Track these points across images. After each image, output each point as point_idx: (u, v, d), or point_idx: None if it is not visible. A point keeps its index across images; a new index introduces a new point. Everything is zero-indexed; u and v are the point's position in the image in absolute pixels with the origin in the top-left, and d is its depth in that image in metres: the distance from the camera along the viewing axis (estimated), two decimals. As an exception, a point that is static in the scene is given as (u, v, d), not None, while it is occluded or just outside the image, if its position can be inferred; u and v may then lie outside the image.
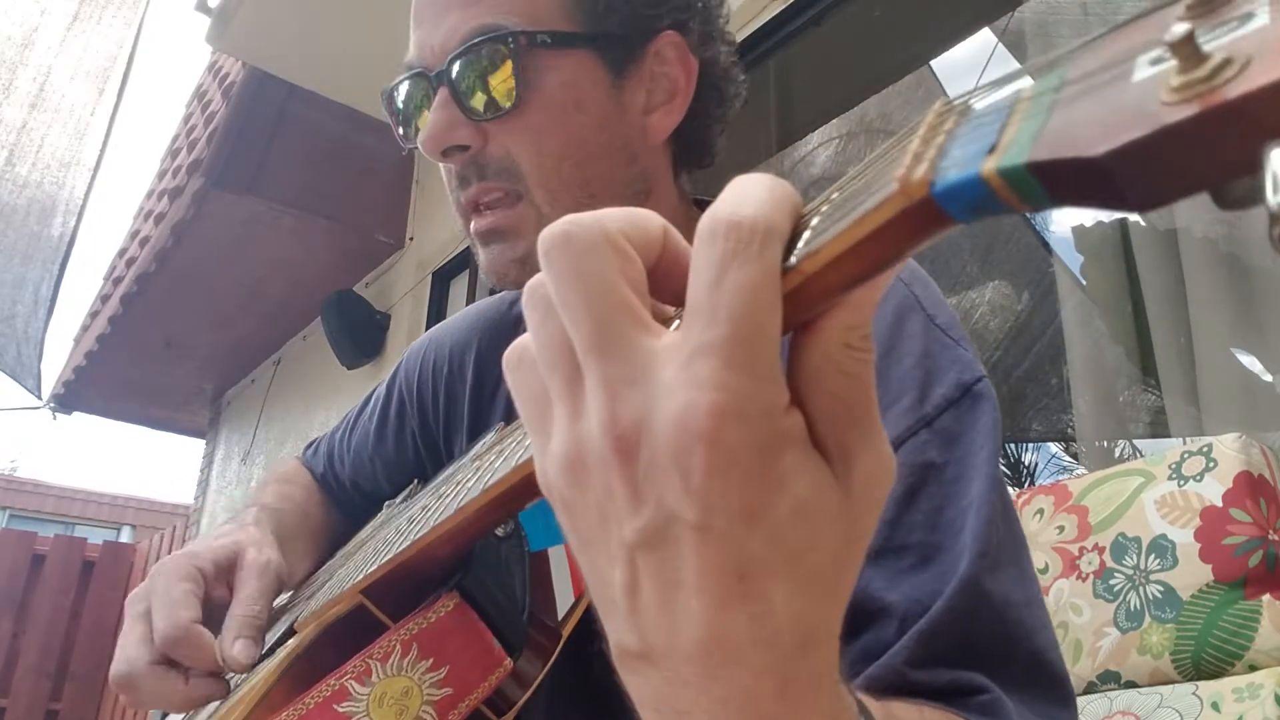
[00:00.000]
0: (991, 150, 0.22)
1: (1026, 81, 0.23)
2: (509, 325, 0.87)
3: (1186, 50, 0.18)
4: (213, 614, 0.66)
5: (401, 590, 0.51)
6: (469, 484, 0.46)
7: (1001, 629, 0.54)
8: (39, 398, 5.41)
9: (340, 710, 0.46)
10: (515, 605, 0.52)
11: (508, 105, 0.67)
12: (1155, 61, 0.19)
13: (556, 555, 0.56)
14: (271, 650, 0.60)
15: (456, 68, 0.67)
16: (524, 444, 0.39)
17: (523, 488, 0.40)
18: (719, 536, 0.26)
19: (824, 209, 0.27)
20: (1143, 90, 0.19)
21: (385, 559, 0.51)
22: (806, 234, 0.27)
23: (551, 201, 0.68)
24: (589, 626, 0.58)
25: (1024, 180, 0.21)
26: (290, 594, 0.80)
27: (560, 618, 0.56)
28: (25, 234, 4.08)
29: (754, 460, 0.26)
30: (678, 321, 0.28)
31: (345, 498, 0.97)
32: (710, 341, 0.25)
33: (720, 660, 0.27)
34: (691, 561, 0.27)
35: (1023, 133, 0.21)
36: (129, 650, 0.63)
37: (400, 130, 0.75)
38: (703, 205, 0.80)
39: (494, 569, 0.52)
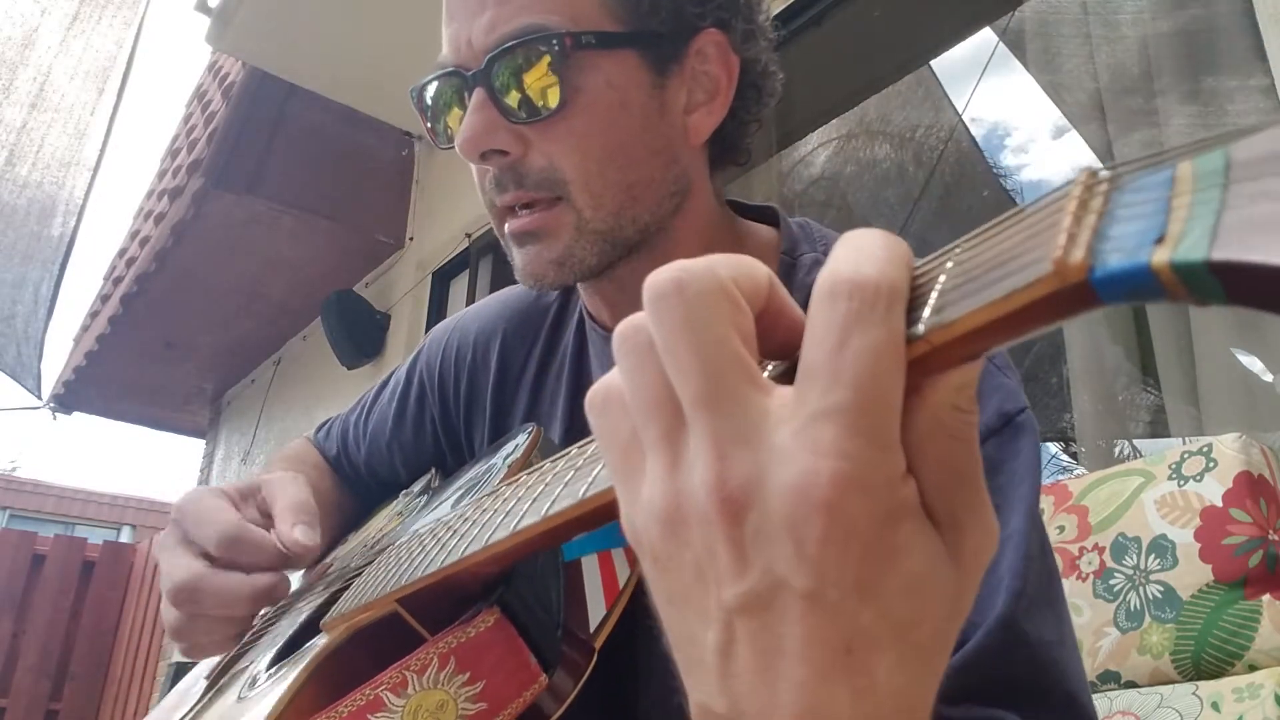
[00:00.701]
0: (1160, 240, 0.20)
1: (1185, 161, 0.22)
2: (537, 315, 0.85)
3: None
4: None
5: (440, 602, 0.50)
6: (523, 504, 0.44)
7: (1036, 670, 0.53)
8: (39, 398, 5.42)
9: None
10: (552, 619, 0.52)
11: (552, 108, 0.64)
12: None
13: (589, 565, 0.55)
14: (295, 643, 0.59)
15: (496, 67, 0.64)
16: (595, 474, 0.38)
17: (590, 520, 0.38)
18: (830, 608, 0.25)
19: (949, 268, 0.26)
20: None
21: (427, 571, 0.50)
22: (933, 298, 0.25)
23: (595, 205, 0.66)
24: (613, 641, 0.56)
25: (1201, 279, 0.20)
26: (304, 576, 0.79)
27: (592, 630, 0.55)
28: (25, 234, 4.08)
29: (873, 532, 0.25)
30: (770, 368, 0.28)
31: (359, 481, 0.95)
32: (832, 406, 0.25)
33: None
34: (797, 630, 0.26)
35: (1195, 224, 0.20)
36: (180, 565, 0.61)
37: (430, 130, 0.72)
38: (734, 206, 0.79)
39: (532, 582, 0.51)
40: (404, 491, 0.86)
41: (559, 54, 0.63)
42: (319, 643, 0.54)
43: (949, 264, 0.26)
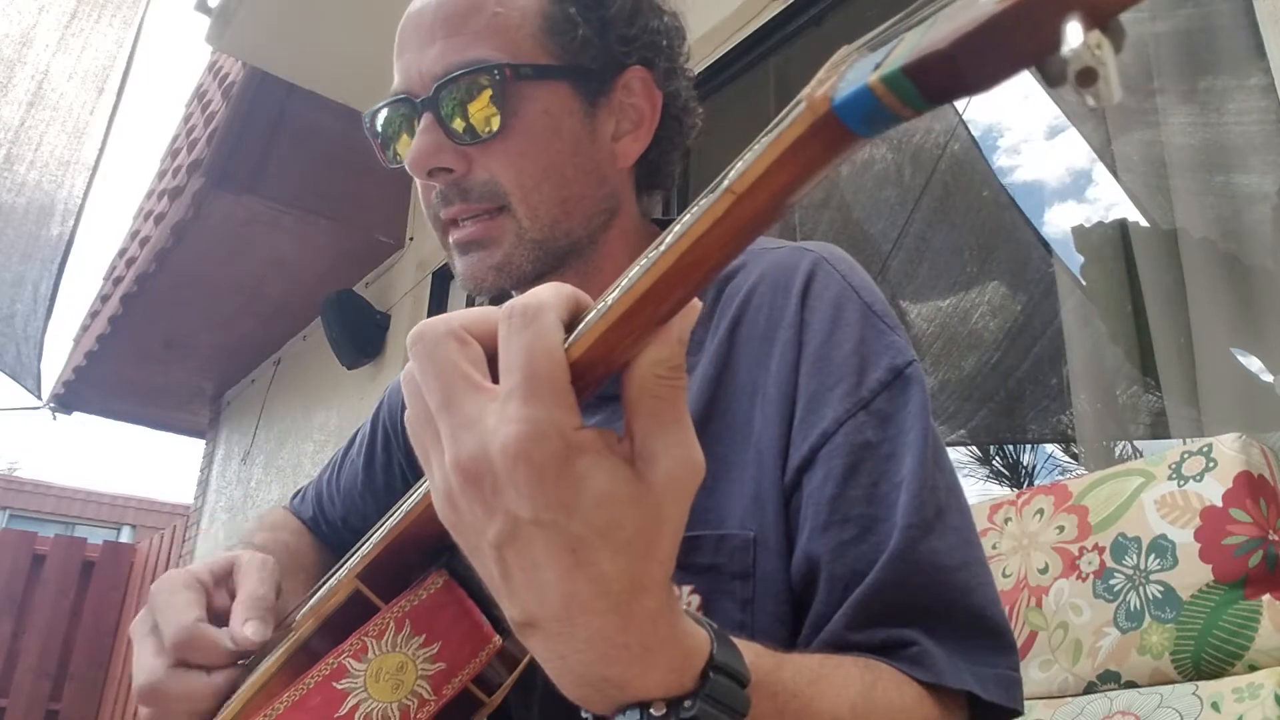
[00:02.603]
0: (878, 67, 0.27)
1: (912, 25, 0.29)
2: None
3: None
4: (216, 622, 0.66)
5: (393, 572, 0.52)
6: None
7: (934, 592, 0.60)
8: (39, 398, 5.41)
9: (339, 687, 0.48)
10: None
11: (492, 131, 0.71)
12: None
13: None
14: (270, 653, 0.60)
15: (442, 94, 0.71)
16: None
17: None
18: (549, 525, 0.36)
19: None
20: (982, 4, 0.25)
21: (377, 542, 0.53)
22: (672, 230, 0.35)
23: (532, 217, 0.73)
24: None
25: (900, 82, 0.26)
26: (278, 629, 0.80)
27: None
28: (24, 233, 4.07)
29: (557, 466, 0.35)
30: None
31: (337, 539, 0.98)
32: (511, 388, 0.35)
33: (576, 611, 0.37)
34: (538, 546, 0.36)
35: (901, 51, 0.27)
36: (145, 663, 0.64)
37: (381, 151, 0.79)
38: (661, 224, 0.85)
39: None
40: None
41: (500, 83, 0.71)
42: (289, 639, 0.55)
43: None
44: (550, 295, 0.37)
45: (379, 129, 0.78)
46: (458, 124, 0.72)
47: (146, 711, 0.66)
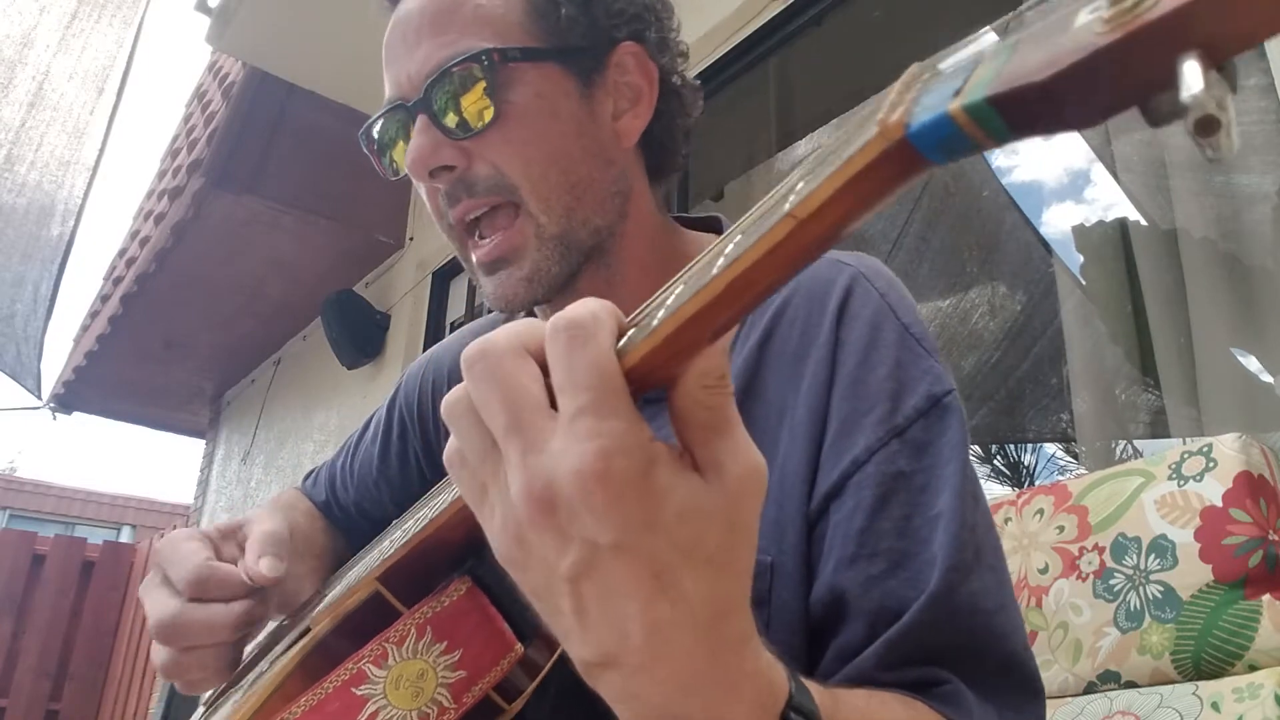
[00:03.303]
0: (957, 93, 0.25)
1: (989, 39, 0.27)
2: None
3: None
4: None
5: (415, 576, 0.52)
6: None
7: (969, 638, 0.57)
8: (39, 398, 5.41)
9: (358, 693, 0.47)
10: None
11: (487, 120, 0.69)
12: (1094, 10, 0.23)
13: None
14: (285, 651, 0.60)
15: (434, 92, 0.70)
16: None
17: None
18: (631, 548, 0.33)
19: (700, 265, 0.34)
20: (1082, 29, 0.23)
21: (400, 544, 0.52)
22: (735, 243, 0.33)
23: (545, 208, 0.71)
24: None
25: (984, 113, 0.24)
26: (290, 617, 0.80)
27: None
28: (24, 234, 4.07)
29: (638, 482, 0.33)
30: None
31: (349, 523, 0.97)
32: (580, 406, 0.33)
33: (659, 642, 0.34)
34: (618, 574, 0.34)
35: (984, 76, 0.25)
36: (159, 604, 0.63)
37: (380, 163, 0.77)
38: (680, 221, 0.83)
39: None
40: (397, 523, 0.88)
41: (488, 70, 0.69)
42: (306, 637, 0.54)
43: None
44: (600, 309, 0.35)
45: (376, 141, 0.76)
46: (451, 119, 0.70)
47: (163, 653, 0.65)
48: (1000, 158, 3.52)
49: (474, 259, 0.73)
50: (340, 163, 3.85)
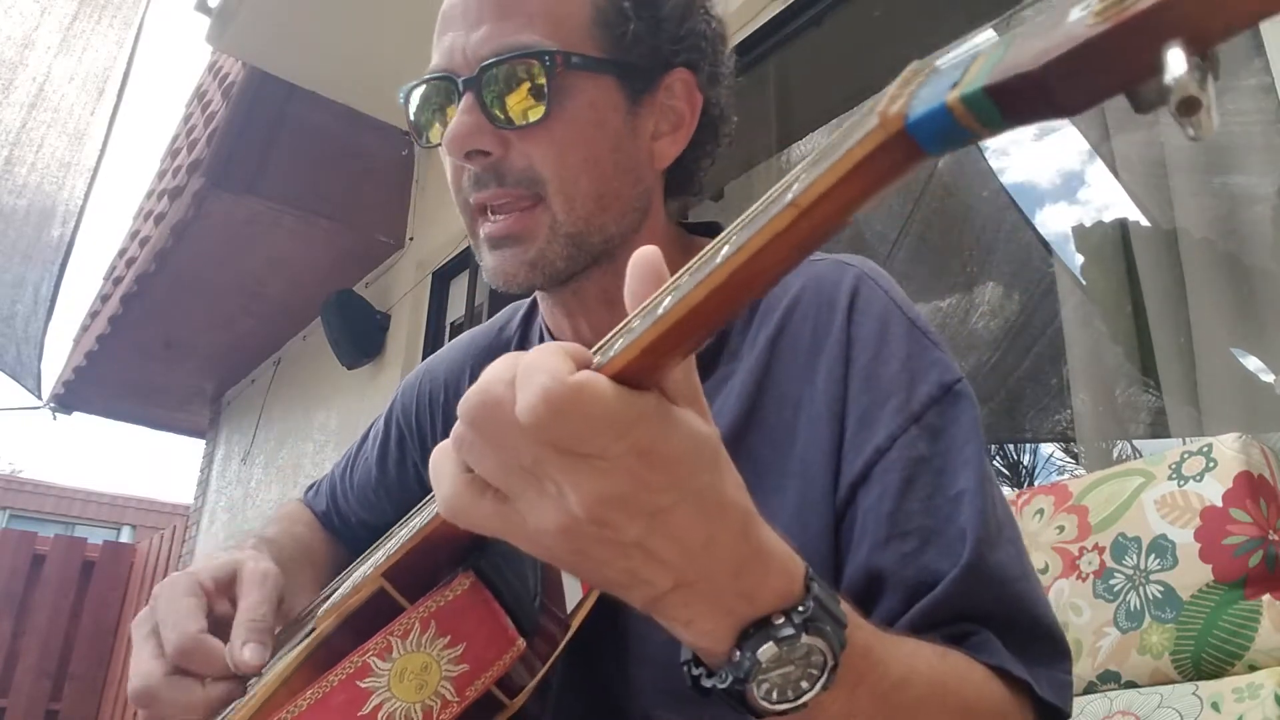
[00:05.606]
0: (955, 85, 0.27)
1: (987, 36, 0.26)
2: (500, 348, 0.90)
3: None
4: (217, 628, 0.66)
5: (419, 572, 0.52)
6: None
7: (998, 605, 0.61)
8: (39, 398, 5.41)
9: (363, 686, 0.48)
10: (528, 591, 0.54)
11: (536, 118, 0.70)
12: (1085, 6, 0.24)
13: None
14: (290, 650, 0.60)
15: (488, 76, 0.70)
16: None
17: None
18: (689, 495, 0.39)
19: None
20: (1074, 23, 0.24)
21: (403, 542, 0.52)
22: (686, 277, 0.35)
23: (569, 210, 0.72)
24: (594, 627, 0.61)
25: (980, 103, 0.26)
26: (290, 624, 0.80)
27: (569, 610, 0.58)
28: (25, 236, 4.07)
29: (665, 445, 0.37)
30: (603, 357, 0.37)
31: (350, 534, 0.98)
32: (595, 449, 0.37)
33: (714, 549, 0.40)
34: (677, 520, 0.39)
35: (981, 69, 0.26)
36: (143, 666, 0.64)
37: (414, 128, 0.77)
38: (688, 228, 0.86)
39: (507, 554, 0.53)
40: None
41: (549, 69, 0.70)
42: (311, 635, 0.55)
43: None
44: (535, 365, 0.37)
45: (414, 107, 0.76)
46: (499, 107, 0.70)
47: (144, 713, 0.66)
48: (1001, 158, 3.52)
49: (481, 233, 0.74)
50: (340, 163, 3.86)
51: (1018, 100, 0.25)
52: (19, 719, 5.34)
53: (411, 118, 0.76)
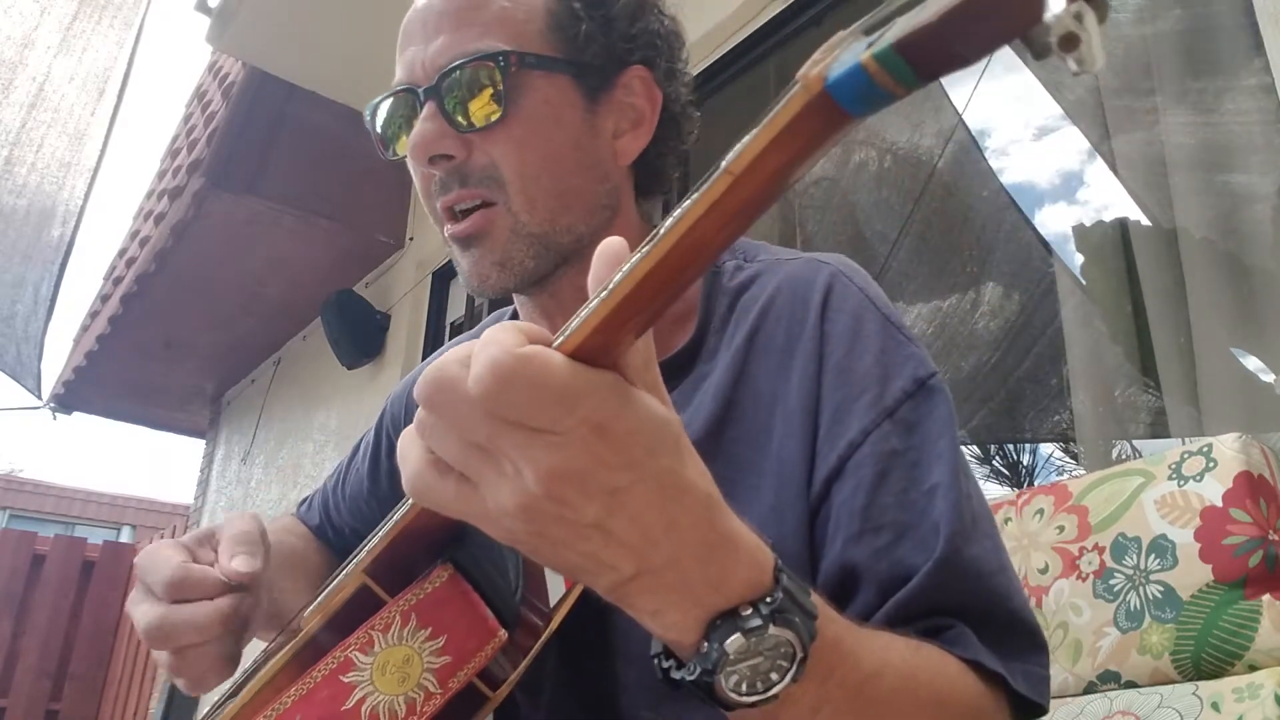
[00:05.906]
0: (870, 46, 0.28)
1: (905, 10, 0.29)
2: None
3: None
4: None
5: (399, 566, 0.53)
6: None
7: (974, 598, 0.62)
8: (39, 398, 5.41)
9: (346, 680, 0.48)
10: (508, 583, 0.55)
11: (494, 118, 0.72)
12: None
13: None
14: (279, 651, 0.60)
15: (447, 83, 0.72)
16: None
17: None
18: (646, 474, 0.39)
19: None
20: None
21: (382, 536, 0.53)
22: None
23: (529, 208, 0.74)
24: (582, 625, 0.61)
25: (891, 59, 0.27)
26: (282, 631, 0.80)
27: (552, 604, 0.59)
28: (25, 236, 4.07)
29: (621, 422, 0.38)
30: (560, 338, 0.38)
31: (344, 545, 0.98)
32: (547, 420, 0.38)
33: (677, 533, 0.40)
34: (637, 501, 0.39)
35: (893, 30, 0.28)
36: (145, 612, 0.64)
37: (381, 141, 0.79)
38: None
39: (485, 547, 0.53)
40: None
41: (504, 70, 0.72)
42: (297, 636, 0.55)
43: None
44: (497, 346, 0.38)
45: (380, 121, 0.78)
46: (461, 112, 0.72)
47: (161, 656, 0.66)
48: (1001, 158, 3.52)
49: (447, 234, 0.77)
50: (340, 163, 3.85)
51: (924, 54, 0.27)
52: (19, 719, 5.34)
53: (379, 131, 0.79)
